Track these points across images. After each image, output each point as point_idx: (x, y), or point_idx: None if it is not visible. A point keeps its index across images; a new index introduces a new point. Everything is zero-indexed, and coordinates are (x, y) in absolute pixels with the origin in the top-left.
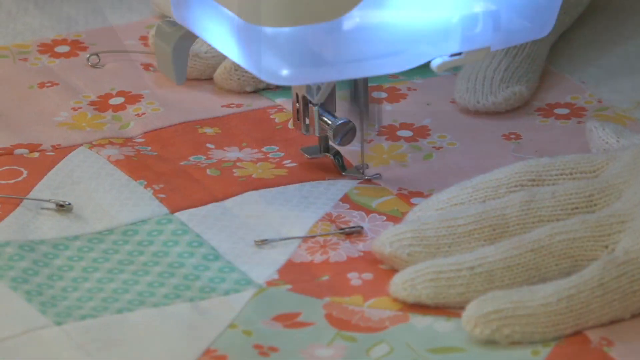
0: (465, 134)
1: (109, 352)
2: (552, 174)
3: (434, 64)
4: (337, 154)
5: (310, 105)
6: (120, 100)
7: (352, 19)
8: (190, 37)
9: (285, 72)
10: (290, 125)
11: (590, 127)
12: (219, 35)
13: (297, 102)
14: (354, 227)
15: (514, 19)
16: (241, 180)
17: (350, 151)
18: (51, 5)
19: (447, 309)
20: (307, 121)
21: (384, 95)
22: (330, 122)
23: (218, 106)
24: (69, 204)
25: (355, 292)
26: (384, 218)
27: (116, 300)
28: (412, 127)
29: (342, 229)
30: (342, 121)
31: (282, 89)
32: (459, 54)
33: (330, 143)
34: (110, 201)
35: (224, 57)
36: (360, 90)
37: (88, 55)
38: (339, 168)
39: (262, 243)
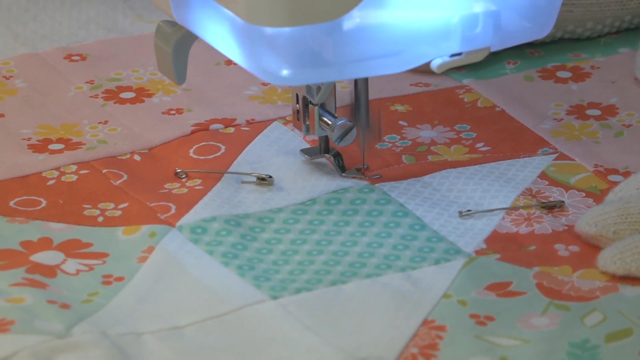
0: None
1: (328, 324)
2: None
3: (434, 64)
4: (337, 155)
5: (310, 105)
6: None
7: (352, 19)
8: (190, 37)
9: (285, 72)
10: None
11: None
12: (219, 35)
13: (297, 102)
14: (555, 201)
15: (514, 19)
16: (437, 163)
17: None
18: None
19: None
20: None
21: (567, 74)
22: (330, 122)
23: (406, 85)
24: (270, 176)
25: (563, 263)
26: (583, 194)
27: (328, 272)
28: (599, 106)
29: (544, 202)
30: (342, 121)
31: (468, 70)
32: (459, 54)
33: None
34: (309, 171)
35: None
36: (361, 101)
37: None
38: (339, 169)
39: (467, 213)
